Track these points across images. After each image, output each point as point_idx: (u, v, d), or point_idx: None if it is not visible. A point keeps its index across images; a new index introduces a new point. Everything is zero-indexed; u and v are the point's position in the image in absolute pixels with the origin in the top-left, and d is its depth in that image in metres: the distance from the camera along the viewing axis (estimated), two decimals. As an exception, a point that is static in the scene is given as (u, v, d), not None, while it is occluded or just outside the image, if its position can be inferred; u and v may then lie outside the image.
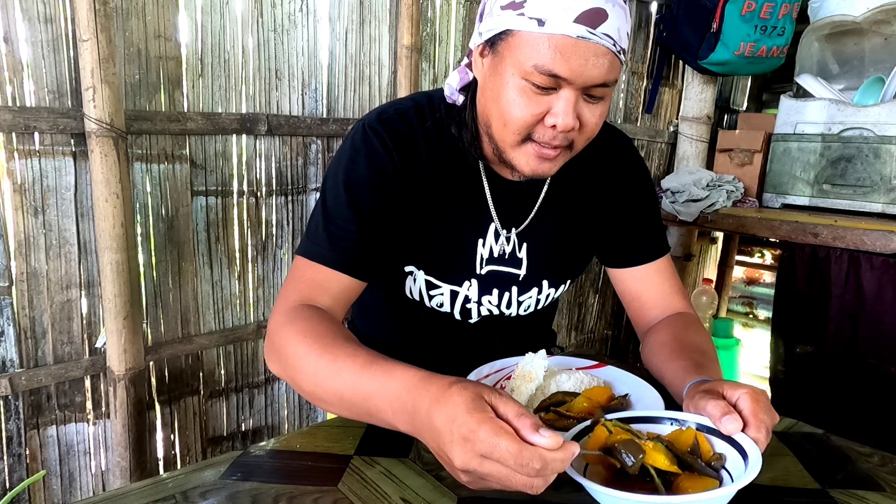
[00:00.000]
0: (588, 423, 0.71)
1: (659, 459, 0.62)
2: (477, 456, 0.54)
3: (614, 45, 0.75)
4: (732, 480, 0.63)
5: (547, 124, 0.79)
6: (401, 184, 0.89)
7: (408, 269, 0.97)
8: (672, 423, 0.72)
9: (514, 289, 1.00)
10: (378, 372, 0.68)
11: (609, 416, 0.72)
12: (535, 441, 0.54)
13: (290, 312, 0.82)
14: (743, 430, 0.66)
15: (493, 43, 0.80)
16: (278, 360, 0.81)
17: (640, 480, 0.64)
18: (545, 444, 0.53)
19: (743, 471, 0.62)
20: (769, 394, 2.05)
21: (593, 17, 0.73)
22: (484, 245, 0.96)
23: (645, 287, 1.04)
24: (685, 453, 0.65)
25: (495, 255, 0.97)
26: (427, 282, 0.97)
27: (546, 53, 0.74)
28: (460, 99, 0.91)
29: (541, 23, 0.73)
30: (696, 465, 0.65)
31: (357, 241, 0.86)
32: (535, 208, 0.97)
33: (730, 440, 0.66)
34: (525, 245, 0.98)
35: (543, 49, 0.74)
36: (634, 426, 0.70)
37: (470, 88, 0.90)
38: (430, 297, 0.99)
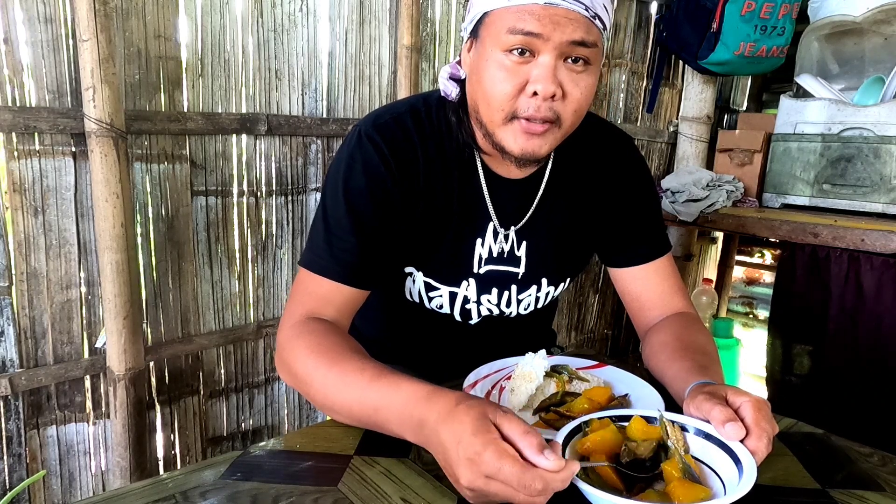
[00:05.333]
0: (584, 419, 0.71)
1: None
2: (482, 476, 0.56)
3: (587, 10, 0.77)
4: (725, 490, 0.63)
5: (528, 93, 0.79)
6: (398, 190, 0.90)
7: (407, 270, 0.97)
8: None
9: (514, 287, 1.00)
10: (385, 385, 0.71)
11: (605, 415, 0.72)
12: (537, 463, 0.55)
13: (297, 327, 0.84)
14: (744, 439, 0.65)
15: (475, 31, 0.83)
16: (289, 373, 0.84)
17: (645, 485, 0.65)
18: (548, 466, 0.55)
19: (737, 482, 0.61)
20: (767, 393, 2.07)
21: None
22: (483, 244, 0.96)
23: (645, 287, 1.03)
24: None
25: (494, 254, 0.97)
26: (426, 283, 0.97)
27: (516, 16, 0.77)
28: (454, 93, 0.91)
29: None
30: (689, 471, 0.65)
31: (358, 251, 0.88)
32: (534, 205, 0.97)
33: (727, 449, 0.66)
34: (524, 243, 0.98)
35: (514, 15, 0.77)
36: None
37: (462, 85, 0.91)
38: (430, 299, 0.99)
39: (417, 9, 1.68)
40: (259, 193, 1.57)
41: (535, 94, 0.78)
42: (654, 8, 2.51)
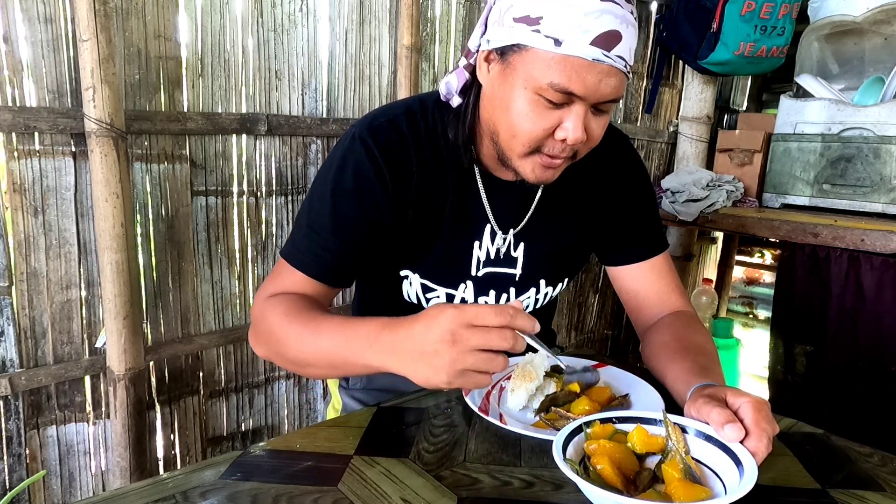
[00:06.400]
0: (585, 420, 0.71)
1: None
2: (464, 325, 0.64)
3: (625, 65, 0.77)
4: (726, 490, 0.63)
5: (557, 138, 0.80)
6: (389, 195, 0.90)
7: (402, 273, 0.97)
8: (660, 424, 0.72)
9: (512, 290, 1.00)
10: (355, 321, 0.77)
11: (606, 415, 0.72)
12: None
13: (270, 300, 0.88)
14: (744, 439, 0.65)
15: (503, 52, 0.80)
16: (265, 342, 0.87)
17: (647, 487, 0.65)
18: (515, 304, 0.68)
19: (738, 483, 0.62)
20: (769, 394, 2.07)
21: (608, 40, 0.74)
22: (480, 247, 0.96)
23: (642, 285, 1.04)
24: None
25: (492, 256, 0.97)
26: (423, 285, 0.97)
27: (562, 73, 0.75)
28: (456, 101, 0.91)
29: (557, 43, 0.74)
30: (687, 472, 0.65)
31: (336, 252, 0.89)
32: (532, 208, 0.97)
33: (728, 451, 0.66)
34: (522, 245, 0.98)
35: (559, 68, 0.75)
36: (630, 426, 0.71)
37: (470, 90, 0.90)
38: (428, 300, 0.99)
39: (417, 9, 1.68)
40: (259, 193, 1.57)
41: (563, 139, 0.79)
42: (654, 8, 2.51)
